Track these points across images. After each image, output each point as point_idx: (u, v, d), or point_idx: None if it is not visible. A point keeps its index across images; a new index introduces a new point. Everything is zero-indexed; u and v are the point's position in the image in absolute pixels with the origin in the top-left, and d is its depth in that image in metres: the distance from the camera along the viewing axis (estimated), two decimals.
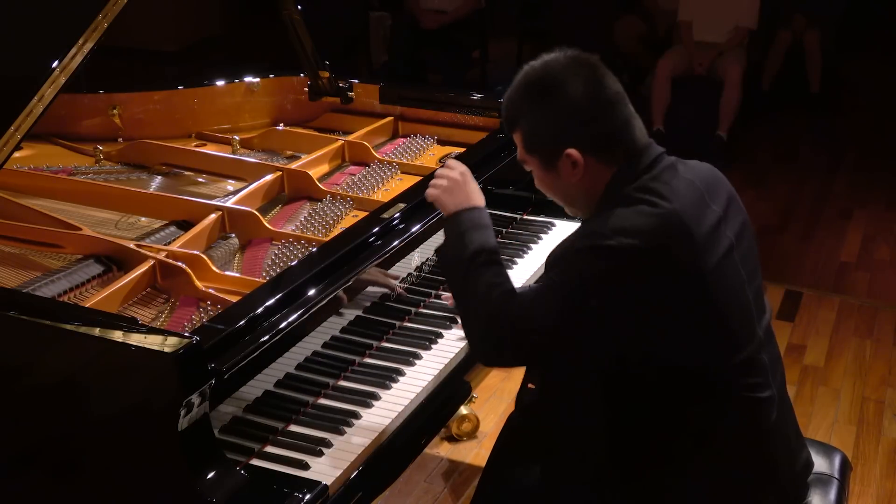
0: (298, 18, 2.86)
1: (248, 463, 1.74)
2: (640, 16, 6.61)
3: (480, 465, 2.91)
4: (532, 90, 1.79)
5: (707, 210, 1.74)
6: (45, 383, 1.72)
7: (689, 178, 1.77)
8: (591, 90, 1.74)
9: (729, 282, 1.73)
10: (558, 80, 1.75)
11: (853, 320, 4.07)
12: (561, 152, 1.75)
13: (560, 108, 1.75)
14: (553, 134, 1.76)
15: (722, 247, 1.73)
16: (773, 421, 1.79)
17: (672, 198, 1.70)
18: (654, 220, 1.67)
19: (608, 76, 1.77)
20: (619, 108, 1.76)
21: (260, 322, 1.78)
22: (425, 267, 2.34)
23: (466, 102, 2.94)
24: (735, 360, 1.72)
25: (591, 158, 1.75)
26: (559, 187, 1.83)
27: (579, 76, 1.75)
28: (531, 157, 1.83)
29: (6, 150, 1.99)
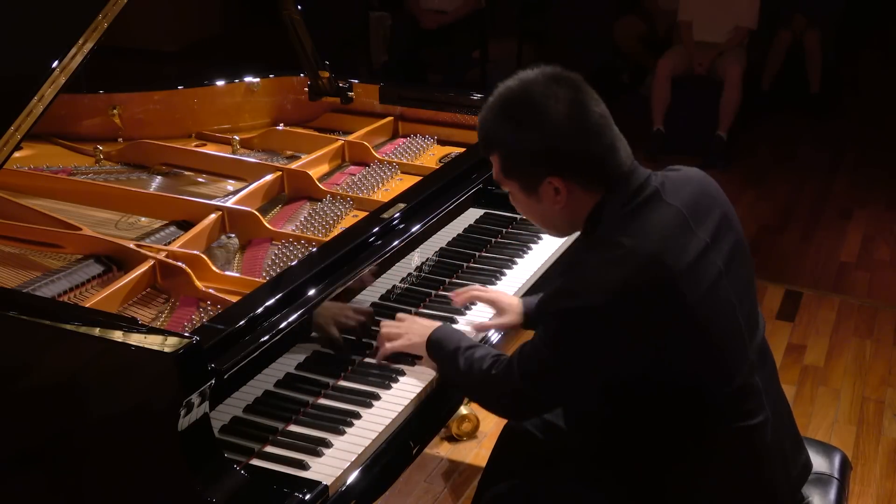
0: (298, 18, 2.86)
1: (248, 463, 1.74)
2: (640, 16, 6.61)
3: (480, 465, 2.91)
4: (510, 112, 1.71)
5: (691, 240, 1.67)
6: (45, 383, 1.71)
7: (674, 206, 1.69)
8: (575, 114, 1.66)
9: (718, 310, 1.68)
10: (539, 103, 1.67)
11: (853, 320, 4.07)
12: (543, 179, 1.69)
13: (542, 134, 1.66)
14: (534, 160, 1.69)
15: (709, 276, 1.67)
16: (767, 443, 1.77)
17: (650, 236, 1.64)
18: (628, 268, 1.61)
19: (591, 97, 1.69)
20: (604, 132, 1.68)
21: (260, 322, 1.78)
22: (425, 267, 2.34)
23: (466, 102, 2.94)
24: (725, 391, 1.69)
25: (576, 185, 1.70)
26: (539, 212, 1.78)
27: (561, 98, 1.66)
28: (510, 181, 1.76)
29: (6, 150, 1.98)
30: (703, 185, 1.79)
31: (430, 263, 2.36)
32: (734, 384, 1.70)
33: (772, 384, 1.83)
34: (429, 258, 2.35)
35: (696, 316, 1.64)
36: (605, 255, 1.64)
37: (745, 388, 1.72)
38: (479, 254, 2.53)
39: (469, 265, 2.48)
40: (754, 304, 1.81)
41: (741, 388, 1.71)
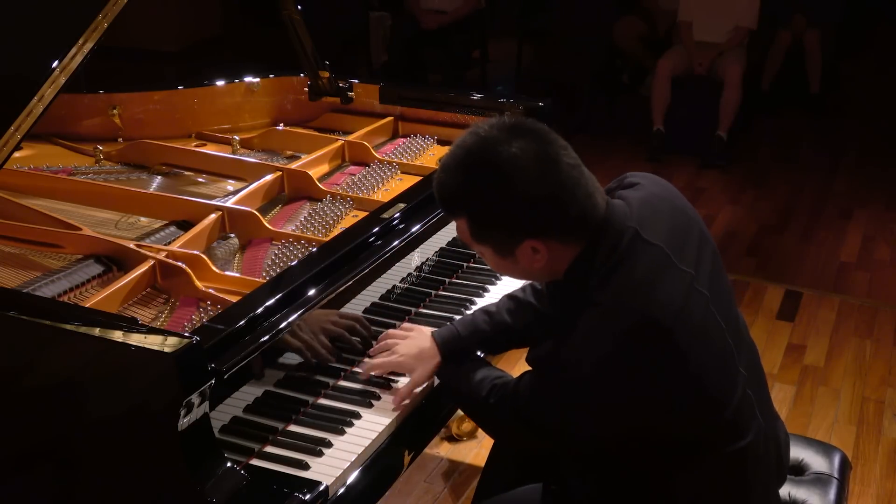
0: (298, 18, 2.86)
1: (248, 463, 1.74)
2: (640, 16, 6.61)
3: (480, 465, 2.90)
4: (474, 175, 1.59)
5: (677, 277, 1.61)
6: (45, 383, 1.72)
7: (656, 246, 1.62)
8: (546, 172, 1.55)
9: (710, 345, 1.63)
10: (505, 162, 1.55)
11: (853, 320, 4.07)
12: (519, 242, 1.60)
13: (513, 198, 1.56)
14: (509, 226, 1.60)
15: (699, 312, 1.62)
16: (760, 454, 1.74)
17: (638, 290, 1.57)
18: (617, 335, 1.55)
19: (559, 147, 1.59)
20: (579, 184, 1.58)
21: (260, 322, 1.78)
22: (425, 267, 2.34)
23: (466, 102, 2.94)
24: (723, 417, 1.66)
25: (556, 243, 1.61)
26: (518, 270, 1.70)
27: (528, 155, 1.55)
28: (481, 245, 1.66)
29: (6, 150, 1.98)
30: (672, 203, 1.73)
31: (430, 263, 2.36)
32: (731, 408, 1.66)
33: (761, 388, 1.80)
34: (429, 258, 2.35)
35: (689, 361, 1.59)
36: (593, 319, 1.57)
37: (740, 406, 1.69)
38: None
39: (469, 265, 2.48)
40: (736, 314, 1.77)
41: (737, 408, 1.68)
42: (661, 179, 1.81)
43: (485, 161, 1.58)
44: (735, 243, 4.79)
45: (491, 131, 1.60)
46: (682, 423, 1.64)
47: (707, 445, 1.68)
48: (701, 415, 1.64)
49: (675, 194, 1.78)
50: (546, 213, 1.58)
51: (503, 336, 1.97)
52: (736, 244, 4.78)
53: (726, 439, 1.68)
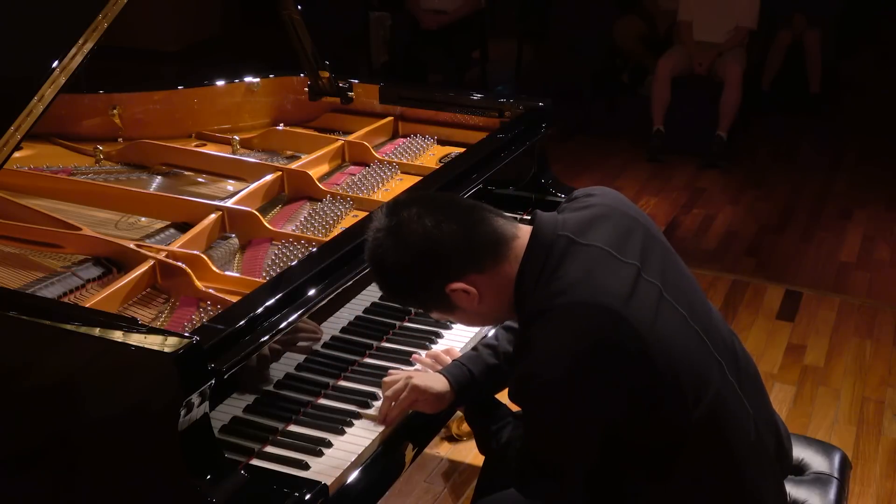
0: (298, 18, 2.86)
1: (248, 463, 1.74)
2: (640, 16, 6.61)
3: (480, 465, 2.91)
4: (383, 271, 1.73)
5: (621, 270, 1.63)
6: (45, 383, 1.72)
7: (593, 246, 1.65)
8: (417, 226, 1.65)
9: (671, 329, 1.65)
10: (389, 247, 1.68)
11: (853, 320, 4.07)
12: (443, 292, 1.68)
13: (410, 265, 1.67)
14: (425, 286, 1.69)
15: (651, 298, 1.63)
16: (752, 441, 1.74)
17: (579, 285, 1.60)
18: (570, 330, 1.58)
19: (421, 197, 1.72)
20: (454, 218, 1.66)
21: (260, 322, 1.78)
22: None
23: (466, 102, 2.94)
24: (704, 403, 1.66)
25: (473, 275, 1.66)
26: (476, 317, 1.77)
27: (399, 227, 1.67)
28: (434, 313, 1.78)
29: (6, 150, 1.98)
30: (613, 209, 1.75)
31: None
32: (710, 393, 1.67)
33: (747, 377, 1.80)
34: None
35: (652, 343, 1.60)
36: (545, 326, 1.60)
37: (722, 393, 1.69)
38: None
39: None
40: (703, 303, 1.77)
41: (717, 394, 1.68)
42: (611, 190, 1.83)
43: (377, 256, 1.72)
44: (735, 243, 4.79)
45: (372, 230, 1.74)
46: (662, 406, 1.64)
47: (695, 432, 1.67)
48: (678, 397, 1.64)
49: (620, 200, 1.80)
50: (429, 251, 1.66)
51: (510, 364, 1.94)
52: (736, 244, 4.78)
53: (713, 426, 1.68)
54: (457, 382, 1.90)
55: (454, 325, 2.21)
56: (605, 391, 1.61)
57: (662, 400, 1.64)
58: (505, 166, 2.59)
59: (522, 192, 2.80)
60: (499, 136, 2.71)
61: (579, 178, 5.16)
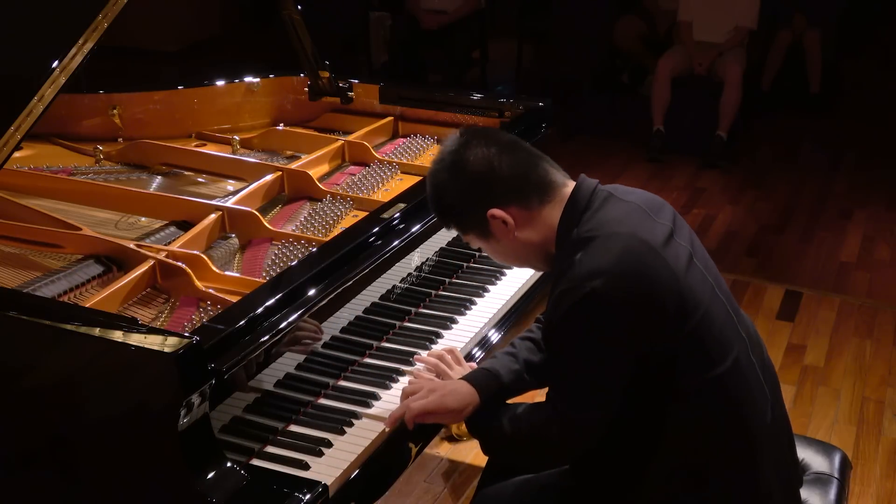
0: (298, 18, 2.86)
1: (248, 463, 1.74)
2: (640, 16, 6.60)
3: (480, 465, 2.90)
4: (438, 183, 1.84)
5: (655, 225, 1.74)
6: (45, 383, 1.72)
7: (629, 201, 1.78)
8: (482, 152, 1.78)
9: (699, 286, 1.72)
10: (452, 163, 1.81)
11: (853, 320, 4.07)
12: (485, 218, 1.78)
13: (464, 184, 1.79)
14: (470, 207, 1.80)
15: (682, 255, 1.73)
16: (767, 423, 1.77)
17: (621, 224, 1.71)
18: (616, 251, 1.67)
19: (494, 133, 1.84)
20: (513, 152, 1.79)
21: (260, 322, 1.78)
22: (425, 267, 2.34)
23: (466, 102, 2.94)
24: (724, 365, 1.71)
25: (514, 208, 1.78)
26: (507, 251, 1.85)
27: (467, 148, 1.79)
28: (469, 236, 1.86)
29: (6, 150, 1.99)
30: (649, 193, 1.87)
31: (430, 263, 2.36)
32: (730, 359, 1.72)
33: (768, 368, 1.84)
34: (429, 258, 2.35)
35: (684, 287, 1.68)
36: (589, 249, 1.68)
37: (743, 364, 1.75)
38: (480, 254, 2.53)
39: (469, 265, 2.48)
40: (731, 296, 1.84)
41: (737, 363, 1.73)
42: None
43: (437, 169, 1.84)
44: (735, 243, 4.79)
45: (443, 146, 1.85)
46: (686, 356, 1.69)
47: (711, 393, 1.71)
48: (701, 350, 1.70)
49: (657, 196, 1.89)
50: (488, 179, 1.77)
51: (530, 373, 1.94)
52: (736, 244, 4.78)
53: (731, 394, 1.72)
54: (484, 390, 1.87)
55: (454, 326, 2.21)
56: (639, 313, 1.65)
57: (684, 349, 1.68)
58: None
59: None
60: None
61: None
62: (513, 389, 1.91)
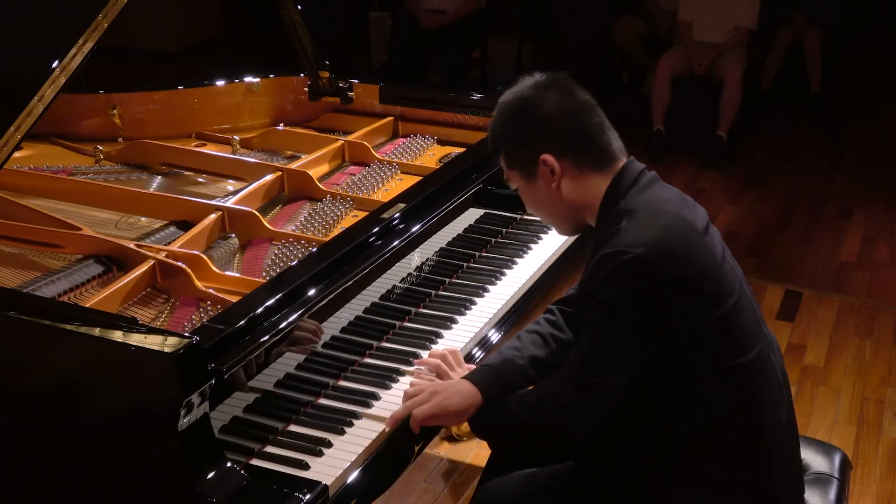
0: (298, 18, 2.86)
1: (248, 463, 1.74)
2: (640, 16, 6.61)
3: (480, 465, 2.91)
4: (506, 109, 1.87)
5: (696, 213, 1.79)
6: (45, 383, 1.71)
7: (672, 188, 1.84)
8: (559, 99, 1.80)
9: (731, 278, 1.76)
10: (527, 96, 1.83)
11: (853, 320, 4.07)
12: (536, 160, 1.80)
13: (531, 119, 1.82)
14: (527, 144, 1.82)
15: (718, 246, 1.78)
16: (781, 426, 1.80)
17: (665, 203, 1.76)
18: (662, 224, 1.70)
19: (576, 88, 1.84)
20: (588, 113, 1.82)
21: (260, 322, 1.78)
22: (425, 267, 2.34)
23: (466, 102, 2.94)
24: (746, 358, 1.74)
25: (567, 162, 1.80)
26: (542, 200, 1.87)
27: (547, 89, 1.82)
28: (513, 172, 1.88)
29: (6, 150, 1.98)
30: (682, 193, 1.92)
31: (430, 263, 2.36)
32: (753, 353, 1.74)
33: (786, 375, 1.87)
34: (429, 258, 2.35)
35: (720, 271, 1.72)
36: (632, 220, 1.72)
37: (765, 362, 1.77)
38: (480, 254, 2.53)
39: (469, 265, 2.48)
40: (755, 297, 1.87)
41: (759, 359, 1.75)
42: None
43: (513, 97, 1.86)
44: (735, 243, 4.79)
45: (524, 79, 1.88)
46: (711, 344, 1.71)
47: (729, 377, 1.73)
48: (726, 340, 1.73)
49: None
50: (554, 126, 1.79)
51: (535, 368, 1.93)
52: (736, 244, 4.78)
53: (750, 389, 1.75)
54: (487, 390, 1.85)
55: (454, 326, 2.21)
56: (677, 287, 1.67)
57: (712, 333, 1.70)
58: None
59: None
60: None
61: None
62: (516, 386, 1.88)
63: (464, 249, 2.49)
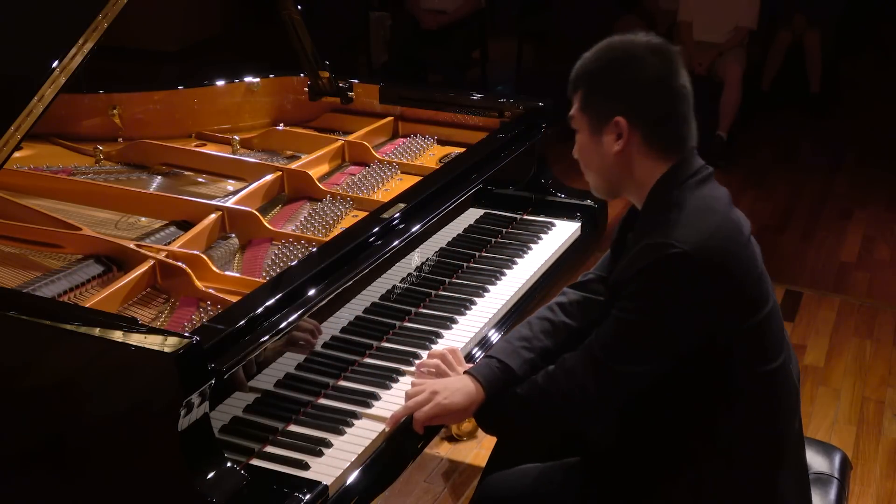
0: (298, 18, 2.86)
1: (248, 463, 1.74)
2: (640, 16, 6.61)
3: (480, 465, 2.91)
4: (607, 55, 1.80)
5: (741, 219, 1.78)
6: (46, 383, 1.72)
7: (723, 188, 1.81)
8: (661, 73, 1.74)
9: (768, 286, 1.76)
10: (634, 54, 1.76)
11: (853, 320, 4.07)
12: (611, 118, 1.75)
13: (626, 77, 1.75)
14: (610, 98, 1.76)
15: (758, 256, 1.77)
16: (795, 430, 1.81)
17: (718, 202, 1.74)
18: (713, 223, 1.69)
19: (682, 70, 1.78)
20: (681, 99, 1.77)
21: (260, 322, 1.78)
22: (425, 267, 2.34)
23: (466, 102, 2.94)
24: (769, 367, 1.73)
25: (638, 135, 1.75)
26: (596, 156, 1.81)
27: (655, 56, 1.75)
28: (582, 115, 1.81)
29: (6, 150, 1.99)
30: None
31: (430, 263, 2.36)
32: (778, 361, 1.75)
33: (798, 384, 1.87)
34: (429, 258, 2.35)
35: (757, 281, 1.72)
36: (683, 213, 1.69)
37: (788, 371, 1.78)
38: (480, 254, 2.53)
39: (469, 265, 2.48)
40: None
41: (784, 368, 1.76)
42: None
43: (620, 46, 1.79)
44: None
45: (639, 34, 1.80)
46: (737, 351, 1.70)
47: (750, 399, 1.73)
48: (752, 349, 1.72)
49: None
50: (643, 96, 1.74)
51: (545, 360, 1.91)
52: None
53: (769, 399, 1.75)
54: (488, 384, 1.83)
55: (454, 326, 2.21)
56: (718, 288, 1.65)
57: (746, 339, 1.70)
58: (505, 166, 2.59)
59: (522, 192, 2.80)
60: (499, 136, 2.71)
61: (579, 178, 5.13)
62: (523, 379, 1.85)
63: (464, 249, 2.49)
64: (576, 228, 2.72)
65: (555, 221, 2.74)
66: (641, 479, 1.81)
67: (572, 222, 2.73)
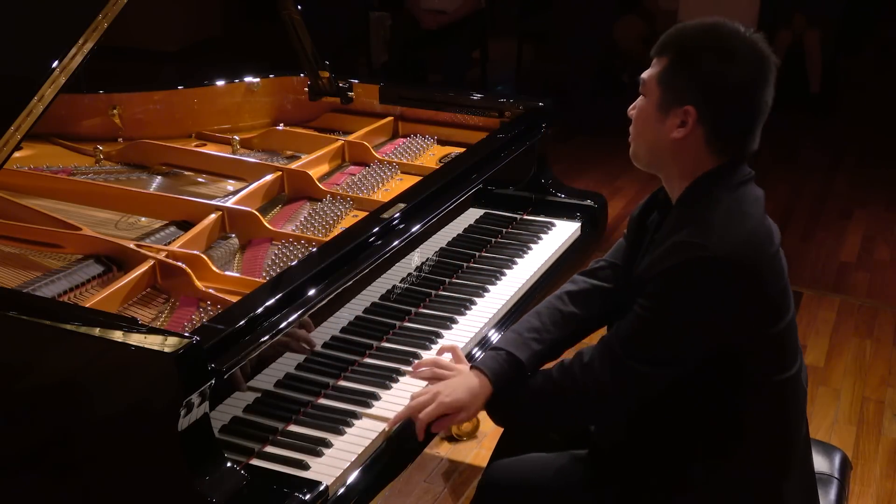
0: (298, 18, 2.86)
1: (248, 463, 1.74)
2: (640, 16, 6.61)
3: (480, 465, 2.91)
4: (707, 37, 1.72)
5: (773, 227, 1.76)
6: (45, 383, 1.71)
7: (760, 190, 1.77)
8: (751, 80, 1.68)
9: (790, 295, 1.76)
10: (734, 51, 1.68)
11: (853, 320, 4.07)
12: (683, 104, 1.69)
13: (716, 69, 1.67)
14: (690, 83, 1.69)
15: (785, 268, 1.76)
16: (803, 436, 1.82)
17: (754, 206, 1.71)
18: (747, 229, 1.67)
19: (771, 86, 1.72)
20: (758, 113, 1.71)
21: (260, 322, 1.78)
22: (425, 267, 2.34)
23: (466, 102, 2.94)
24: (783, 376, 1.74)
25: (702, 131, 1.69)
26: (653, 132, 1.75)
27: (753, 63, 1.68)
28: (657, 86, 1.74)
29: (6, 150, 1.99)
30: None
31: (430, 263, 2.36)
32: (794, 370, 1.75)
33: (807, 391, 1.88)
34: (429, 258, 2.35)
35: (783, 291, 1.72)
36: (719, 214, 1.66)
37: (801, 378, 1.78)
38: (480, 254, 2.53)
39: (469, 265, 2.48)
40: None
41: (798, 376, 1.76)
42: None
43: (727, 35, 1.71)
44: None
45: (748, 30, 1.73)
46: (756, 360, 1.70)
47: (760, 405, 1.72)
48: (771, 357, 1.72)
49: None
50: (726, 96, 1.68)
51: (552, 351, 1.90)
52: None
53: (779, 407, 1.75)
54: (495, 377, 1.81)
55: (454, 326, 2.21)
56: (746, 294, 1.65)
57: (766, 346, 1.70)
58: (505, 166, 2.59)
59: (522, 192, 2.80)
60: (499, 136, 2.71)
61: (579, 178, 5.16)
62: (531, 371, 1.84)
63: (464, 249, 2.49)
64: (576, 228, 2.72)
65: (555, 221, 2.74)
66: (649, 476, 1.81)
67: (572, 222, 2.74)
